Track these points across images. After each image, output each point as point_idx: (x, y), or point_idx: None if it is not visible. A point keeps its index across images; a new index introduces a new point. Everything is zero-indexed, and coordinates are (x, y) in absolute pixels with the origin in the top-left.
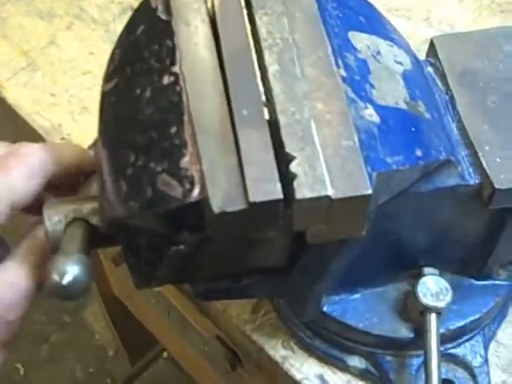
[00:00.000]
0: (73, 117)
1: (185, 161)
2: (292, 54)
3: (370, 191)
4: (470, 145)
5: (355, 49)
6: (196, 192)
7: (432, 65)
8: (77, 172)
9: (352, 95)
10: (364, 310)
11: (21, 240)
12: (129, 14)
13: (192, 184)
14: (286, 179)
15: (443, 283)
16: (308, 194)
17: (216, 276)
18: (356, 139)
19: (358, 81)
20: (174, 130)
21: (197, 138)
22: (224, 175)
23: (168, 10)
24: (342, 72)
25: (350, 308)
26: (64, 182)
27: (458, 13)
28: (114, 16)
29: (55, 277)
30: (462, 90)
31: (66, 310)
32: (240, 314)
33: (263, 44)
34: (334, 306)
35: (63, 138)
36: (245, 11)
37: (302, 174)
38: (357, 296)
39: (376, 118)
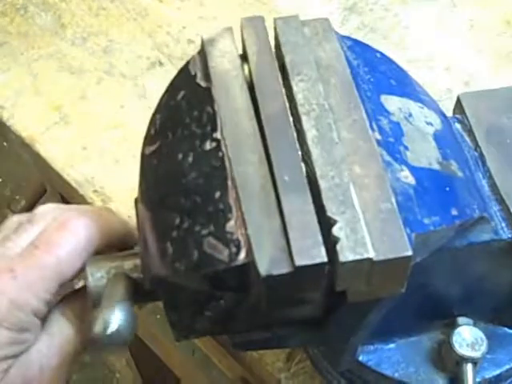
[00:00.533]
0: (105, 169)
1: (230, 225)
2: (329, 119)
3: (410, 252)
4: (501, 200)
5: (388, 112)
6: (242, 255)
7: (460, 121)
8: (120, 244)
9: (387, 158)
10: (399, 359)
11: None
12: (157, 68)
13: (238, 247)
14: (329, 242)
15: (478, 333)
16: (350, 257)
17: (253, 327)
18: (394, 202)
19: (393, 143)
20: (218, 194)
21: (241, 203)
22: (269, 239)
23: (207, 76)
24: (377, 135)
25: (385, 357)
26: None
27: (476, 62)
28: (141, 71)
29: (99, 327)
30: (490, 147)
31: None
32: (275, 362)
33: (300, 110)
34: (369, 355)
35: (96, 191)
36: (280, 77)
37: (344, 237)
38: (392, 346)
39: (411, 180)
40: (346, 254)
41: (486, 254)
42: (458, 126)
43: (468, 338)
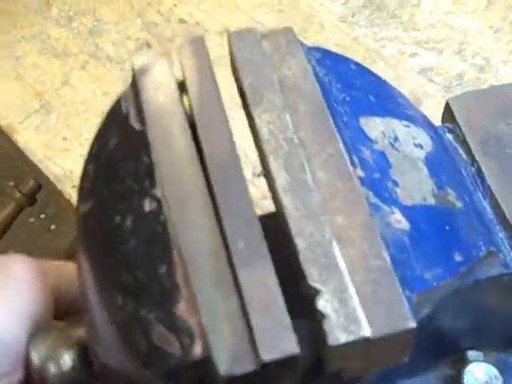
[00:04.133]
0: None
1: (180, 308)
2: (300, 158)
3: (413, 324)
4: (508, 226)
5: (370, 140)
6: (198, 349)
7: (451, 131)
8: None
9: (374, 200)
10: None
11: None
12: (144, 51)
13: (191, 338)
14: (312, 317)
15: (492, 370)
16: (343, 339)
17: None
18: (386, 256)
19: (379, 180)
20: (163, 270)
21: (190, 281)
22: (227, 326)
23: (141, 116)
24: (359, 172)
25: None
26: None
27: (492, 44)
28: (129, 53)
29: (53, 367)
30: (489, 160)
31: None
32: None
33: (266, 148)
34: None
35: (75, 186)
36: (224, 115)
37: (331, 312)
38: None
39: (405, 224)
40: (336, 336)
41: (495, 289)
42: (449, 136)
43: (481, 377)
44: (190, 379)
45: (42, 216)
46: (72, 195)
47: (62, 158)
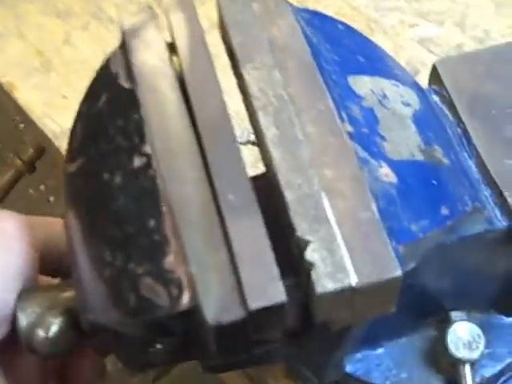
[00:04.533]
0: None
1: (169, 261)
2: (289, 113)
3: (398, 272)
4: (493, 184)
5: (359, 96)
6: (186, 299)
7: (438, 94)
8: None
9: (363, 154)
10: (390, 365)
11: None
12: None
13: (180, 289)
14: (300, 267)
15: (475, 330)
16: (329, 286)
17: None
18: (374, 209)
19: (367, 135)
20: (152, 223)
21: (180, 233)
22: (216, 276)
23: (131, 75)
24: (348, 127)
25: (374, 365)
26: None
27: (493, 18)
28: (131, 16)
29: (40, 331)
30: (475, 121)
31: None
32: None
33: (256, 104)
34: (356, 364)
35: None
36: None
37: (319, 261)
38: (380, 351)
39: (393, 178)
40: (323, 283)
41: (479, 246)
42: (436, 98)
43: (464, 336)
44: (179, 329)
45: (42, 187)
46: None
47: (61, 115)
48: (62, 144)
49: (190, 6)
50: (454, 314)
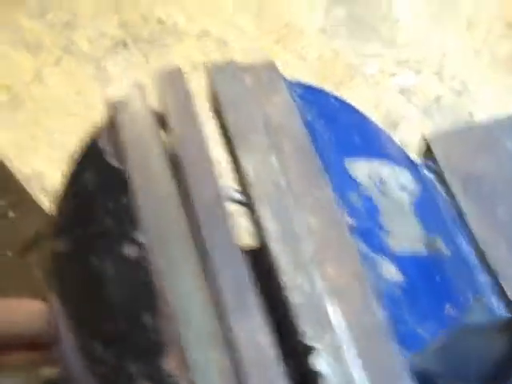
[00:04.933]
0: (54, 164)
1: (168, 363)
2: (288, 203)
3: None
4: (489, 270)
5: (356, 183)
6: None
7: (431, 169)
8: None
9: (366, 250)
10: None
11: None
12: (120, 49)
13: None
14: (305, 373)
15: None
16: None
17: None
18: (380, 312)
19: (369, 228)
20: (148, 319)
21: (179, 334)
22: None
23: (119, 154)
24: (349, 219)
25: None
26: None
27: (471, 67)
28: (105, 51)
29: None
30: (468, 201)
31: None
32: None
33: (253, 193)
34: None
35: (43, 188)
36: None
37: (328, 371)
38: None
39: (397, 276)
40: None
41: (478, 334)
42: (429, 175)
43: None
44: None
45: (1, 202)
46: (40, 198)
47: (31, 158)
48: (34, 189)
49: (178, 76)
50: None
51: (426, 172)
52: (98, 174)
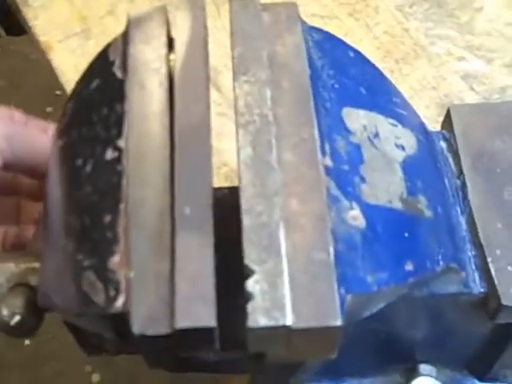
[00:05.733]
0: None
1: (114, 261)
2: (270, 136)
3: (338, 322)
4: (479, 245)
5: (348, 130)
6: (119, 302)
7: (446, 140)
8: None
9: (336, 192)
10: None
11: None
12: None
13: (117, 291)
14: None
15: None
16: (262, 322)
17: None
18: (331, 251)
19: (346, 172)
20: (107, 219)
21: (130, 235)
22: (153, 287)
23: (125, 65)
24: (328, 161)
25: None
26: None
27: None
28: None
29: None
30: (476, 176)
31: None
32: None
33: (239, 120)
34: None
35: None
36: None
37: (258, 294)
38: None
39: (361, 222)
40: (256, 318)
41: (453, 306)
42: (443, 144)
43: None
44: (111, 328)
45: None
46: None
47: None
48: None
49: (201, 6)
50: (422, 367)
51: (439, 141)
52: (102, 81)
